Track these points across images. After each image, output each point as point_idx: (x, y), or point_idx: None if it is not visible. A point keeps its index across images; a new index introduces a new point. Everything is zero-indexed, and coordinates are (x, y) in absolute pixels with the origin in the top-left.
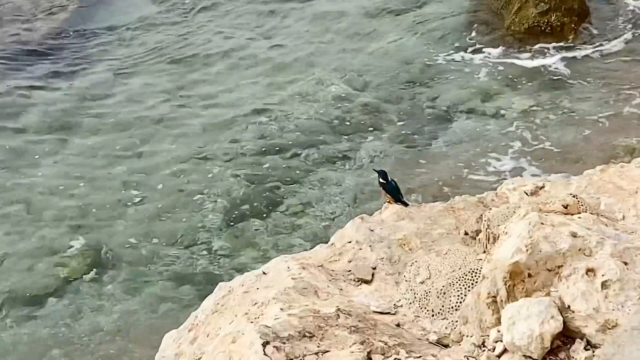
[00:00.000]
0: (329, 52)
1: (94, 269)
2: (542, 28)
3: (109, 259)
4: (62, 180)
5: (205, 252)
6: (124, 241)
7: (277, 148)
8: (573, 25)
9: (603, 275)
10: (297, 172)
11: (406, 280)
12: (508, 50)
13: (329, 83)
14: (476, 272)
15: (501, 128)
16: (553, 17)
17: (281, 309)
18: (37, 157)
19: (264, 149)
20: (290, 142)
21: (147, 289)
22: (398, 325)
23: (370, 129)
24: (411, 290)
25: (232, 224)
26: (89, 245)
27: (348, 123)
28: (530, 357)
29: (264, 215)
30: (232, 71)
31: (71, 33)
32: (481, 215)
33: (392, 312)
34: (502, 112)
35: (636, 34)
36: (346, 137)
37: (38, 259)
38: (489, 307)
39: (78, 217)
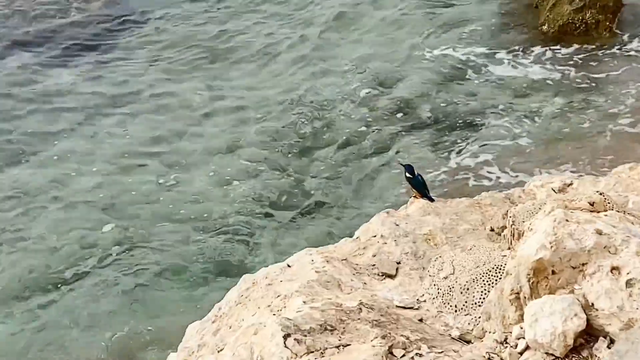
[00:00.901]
0: (360, 47)
1: (123, 252)
2: (577, 25)
3: (138, 243)
4: (96, 163)
5: (233, 243)
6: (154, 226)
7: (309, 141)
8: (608, 23)
9: (628, 274)
10: (326, 166)
11: (430, 276)
12: (541, 49)
13: (359, 79)
14: (500, 269)
15: (533, 127)
16: (588, 15)
17: (304, 302)
18: (70, 140)
19: (295, 141)
20: (321, 136)
21: (172, 279)
22: (421, 320)
23: (400, 124)
24: (435, 285)
25: (260, 215)
26: (119, 228)
27: (378, 118)
28: (552, 354)
29: (294, 208)
30: (264, 63)
31: (105, 22)
32: (507, 211)
33: (415, 307)
34: (534, 111)
35: None
36: (376, 132)
37: (68, 240)
38: (512, 304)
39: (110, 200)
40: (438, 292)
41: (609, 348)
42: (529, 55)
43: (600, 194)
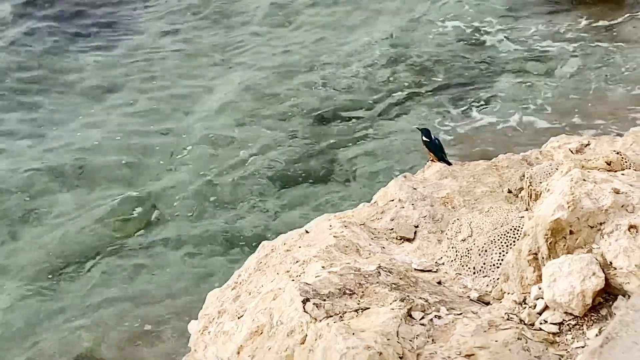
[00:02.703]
0: (378, 15)
1: (143, 228)
2: None
3: (157, 217)
4: (111, 140)
5: (251, 212)
6: (173, 200)
7: (326, 109)
8: None
9: None
10: (346, 133)
11: (448, 238)
12: (557, 12)
13: (375, 46)
14: (518, 230)
15: (549, 89)
16: None
17: (322, 267)
18: (85, 117)
19: (312, 110)
20: (338, 104)
21: (194, 248)
22: (439, 282)
23: (417, 91)
24: (453, 248)
25: (279, 184)
26: (138, 203)
27: (395, 85)
28: (571, 314)
29: (314, 175)
30: (278, 33)
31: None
32: (524, 173)
33: (434, 270)
34: (550, 73)
35: None
36: (393, 99)
37: (88, 217)
38: (530, 264)
39: (127, 176)
40: (456, 255)
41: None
42: (544, 19)
43: (617, 153)
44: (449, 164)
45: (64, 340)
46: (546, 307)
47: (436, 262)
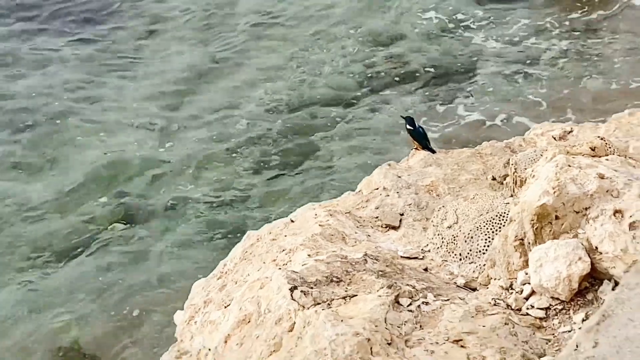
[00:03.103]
0: (358, 8)
1: (124, 221)
2: None
3: (140, 211)
4: (94, 133)
5: (235, 202)
6: (155, 192)
7: (305, 101)
8: None
9: (631, 217)
10: (327, 124)
11: (434, 225)
12: (544, 7)
13: (354, 38)
14: (504, 216)
15: (530, 76)
16: None
17: (309, 255)
18: (68, 109)
19: (293, 102)
20: (318, 96)
21: (175, 240)
22: (426, 269)
23: (397, 81)
24: (439, 234)
25: (262, 175)
26: (120, 195)
27: (375, 76)
28: (558, 298)
29: (294, 166)
30: (259, 27)
31: None
32: (509, 159)
33: (420, 257)
34: (531, 60)
35: None
36: (373, 90)
37: (69, 210)
38: (516, 250)
39: (109, 167)
40: (442, 242)
41: (614, 290)
42: (525, 10)
43: (601, 138)
44: (433, 151)
45: (47, 332)
46: (533, 292)
47: (422, 250)
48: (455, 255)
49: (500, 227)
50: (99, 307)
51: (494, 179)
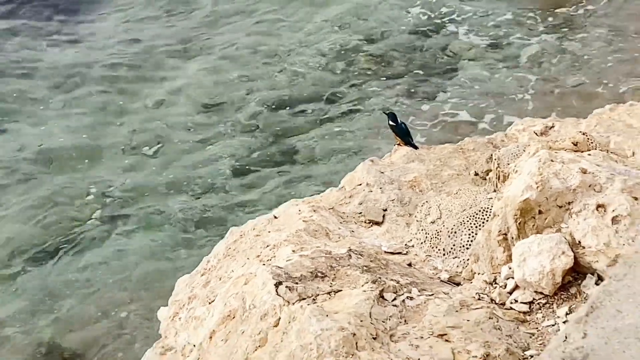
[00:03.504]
0: (336, 3)
1: (106, 216)
2: None
3: (121, 208)
4: (74, 131)
5: (217, 200)
6: (136, 189)
7: (287, 99)
8: None
9: (613, 211)
10: (307, 121)
11: (417, 221)
12: (524, 2)
13: (337, 34)
14: (487, 211)
15: (509, 73)
16: None
17: (293, 251)
18: (45, 107)
19: (274, 100)
20: (299, 93)
21: (159, 236)
22: (410, 265)
23: (378, 78)
24: (422, 230)
25: (243, 172)
26: (101, 193)
27: (356, 73)
28: (541, 292)
29: (276, 163)
30: (237, 22)
31: None
32: (491, 155)
33: (404, 252)
34: (510, 58)
35: None
36: (354, 86)
37: (49, 206)
38: (500, 245)
39: (89, 165)
40: (426, 237)
41: (597, 285)
42: (506, 7)
43: (584, 134)
44: (416, 147)
45: (27, 330)
46: (516, 287)
47: (406, 245)
48: (439, 250)
49: (483, 222)
50: (80, 306)
51: (476, 174)
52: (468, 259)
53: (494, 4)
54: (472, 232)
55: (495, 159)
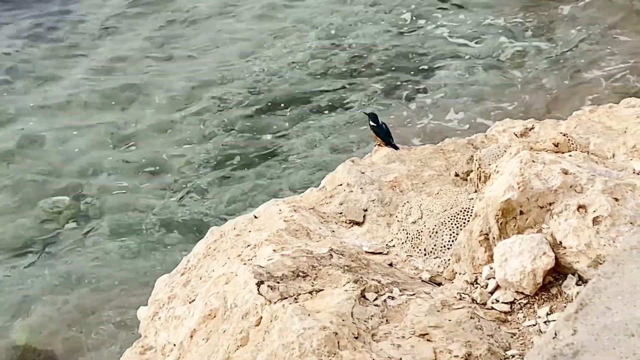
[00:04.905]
0: (312, 4)
1: (79, 219)
2: None
3: (97, 209)
4: (47, 131)
5: (195, 201)
6: (110, 191)
7: (265, 99)
8: None
9: (594, 212)
10: (285, 122)
11: (398, 221)
12: (506, 4)
13: (313, 34)
14: (468, 211)
15: (487, 73)
16: None
17: (274, 250)
18: (19, 109)
19: (251, 100)
20: (276, 94)
21: (135, 238)
22: (391, 264)
23: (357, 78)
24: (403, 230)
25: (222, 173)
26: (74, 195)
27: (335, 74)
28: (522, 292)
29: (255, 164)
30: (215, 24)
31: None
32: (472, 156)
33: (385, 252)
34: (487, 57)
35: None
36: (333, 87)
37: (21, 210)
38: (481, 245)
39: (61, 167)
40: (407, 237)
41: (578, 285)
42: (488, 8)
43: (564, 135)
44: (396, 148)
45: (1, 333)
46: (498, 287)
47: (387, 245)
48: (420, 250)
49: (465, 223)
50: (56, 307)
51: (457, 175)
52: (449, 259)
53: (476, 4)
54: (454, 233)
55: (476, 160)
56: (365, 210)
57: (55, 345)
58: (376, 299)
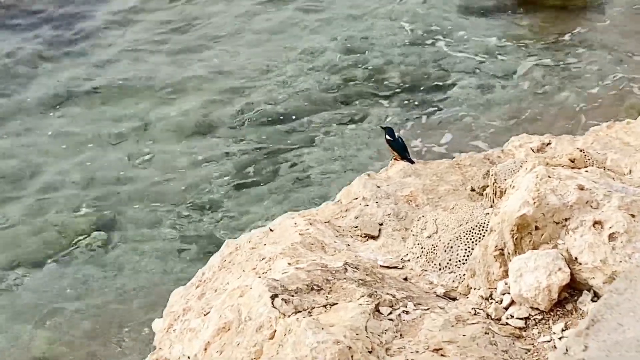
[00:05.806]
0: (330, 17)
1: (100, 232)
2: None
3: (115, 222)
4: (67, 145)
5: (211, 215)
6: (130, 204)
7: (282, 113)
8: None
9: (610, 228)
10: (302, 136)
11: (413, 235)
12: (515, 11)
13: (331, 48)
14: (483, 226)
15: (506, 90)
16: None
17: (289, 264)
18: (38, 120)
19: (268, 114)
20: (294, 108)
21: (151, 250)
22: (405, 279)
23: (373, 93)
24: (418, 244)
25: (238, 187)
26: (95, 208)
27: (351, 88)
28: (537, 308)
29: (270, 178)
30: (233, 36)
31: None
32: (488, 171)
33: (400, 267)
34: (506, 73)
35: None
36: (349, 101)
37: (43, 223)
38: (496, 260)
39: (83, 181)
40: (422, 251)
41: (593, 301)
42: (499, 18)
43: (580, 150)
44: (412, 162)
45: (19, 344)
46: (512, 302)
47: (402, 259)
48: (435, 264)
49: (480, 237)
50: (73, 318)
51: (472, 189)
52: (464, 274)
53: (487, 20)
54: (469, 247)
55: (492, 175)
56: (381, 224)
57: (72, 355)
58: (390, 313)
